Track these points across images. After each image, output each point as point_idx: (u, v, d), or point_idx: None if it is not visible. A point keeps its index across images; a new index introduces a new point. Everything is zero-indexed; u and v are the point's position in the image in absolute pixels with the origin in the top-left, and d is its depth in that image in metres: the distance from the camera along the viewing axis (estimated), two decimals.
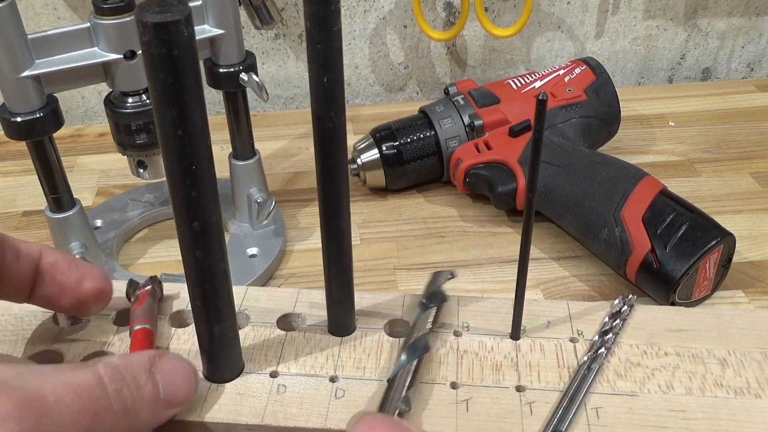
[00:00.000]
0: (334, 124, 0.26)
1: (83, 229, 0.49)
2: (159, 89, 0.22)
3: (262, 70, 0.76)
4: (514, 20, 0.75)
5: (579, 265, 0.52)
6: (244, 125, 0.51)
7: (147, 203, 0.58)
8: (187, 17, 0.21)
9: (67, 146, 0.69)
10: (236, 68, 0.48)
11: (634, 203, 0.48)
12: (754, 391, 0.29)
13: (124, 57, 0.44)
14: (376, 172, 0.59)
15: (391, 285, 0.51)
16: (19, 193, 0.63)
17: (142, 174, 0.50)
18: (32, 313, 0.33)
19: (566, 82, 0.60)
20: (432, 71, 0.79)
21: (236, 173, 0.53)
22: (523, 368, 0.30)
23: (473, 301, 0.33)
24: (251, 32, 0.73)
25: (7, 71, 0.41)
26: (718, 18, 0.79)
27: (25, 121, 0.42)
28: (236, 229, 0.55)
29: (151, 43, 0.21)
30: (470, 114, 0.58)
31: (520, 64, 0.80)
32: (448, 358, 0.31)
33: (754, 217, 0.56)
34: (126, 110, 0.46)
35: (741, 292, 0.48)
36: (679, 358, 0.30)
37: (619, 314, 0.32)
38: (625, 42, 0.79)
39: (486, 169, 0.55)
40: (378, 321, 0.33)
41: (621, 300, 0.33)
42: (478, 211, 0.58)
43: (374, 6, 0.74)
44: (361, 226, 0.57)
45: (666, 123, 0.70)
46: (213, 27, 0.47)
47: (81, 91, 0.77)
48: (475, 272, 0.52)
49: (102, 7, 0.42)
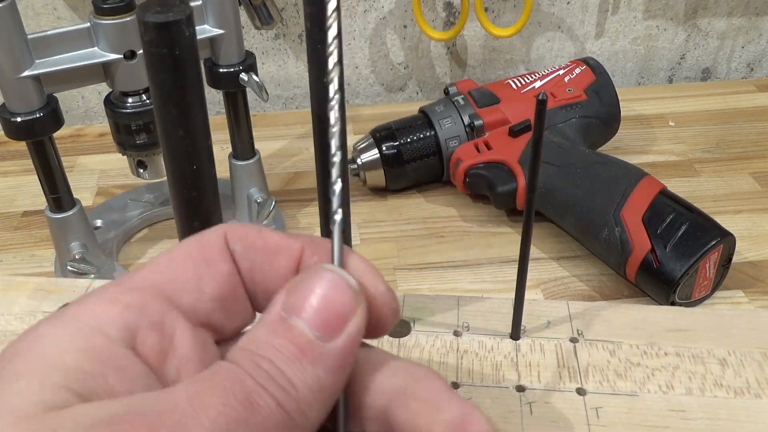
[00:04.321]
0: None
1: (83, 229, 0.49)
2: (160, 89, 0.22)
3: (262, 70, 0.76)
4: (514, 20, 0.75)
5: (579, 265, 0.52)
6: (244, 125, 0.51)
7: (147, 203, 0.58)
8: (189, 17, 0.21)
9: (67, 146, 0.69)
10: (236, 68, 0.48)
11: (634, 203, 0.48)
12: (754, 391, 0.29)
13: (124, 57, 0.44)
14: (376, 172, 0.59)
15: (391, 285, 0.51)
16: (19, 193, 0.63)
17: (142, 174, 0.50)
18: (32, 313, 0.33)
19: (566, 82, 0.60)
20: (432, 71, 0.79)
21: (236, 173, 0.53)
22: (523, 368, 0.30)
23: (473, 301, 0.33)
24: (251, 32, 0.73)
25: (7, 71, 0.41)
26: (718, 18, 0.79)
27: (25, 121, 0.42)
28: None
29: (153, 43, 0.21)
30: (470, 114, 0.58)
31: (520, 64, 0.80)
32: (448, 358, 0.31)
33: (754, 217, 0.56)
34: (126, 110, 0.46)
35: (741, 292, 0.49)
36: (679, 358, 0.30)
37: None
38: (625, 42, 0.79)
39: (486, 169, 0.55)
40: None
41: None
42: (478, 211, 0.58)
43: (374, 6, 0.74)
44: (361, 226, 0.57)
45: (666, 123, 0.70)
46: (213, 27, 0.47)
47: (81, 91, 0.77)
48: (475, 272, 0.52)
49: (102, 7, 0.42)
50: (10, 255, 0.55)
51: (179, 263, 0.20)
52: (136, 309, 0.18)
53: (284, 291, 0.19)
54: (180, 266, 0.20)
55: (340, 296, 0.19)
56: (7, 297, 0.34)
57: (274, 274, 0.21)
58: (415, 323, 0.32)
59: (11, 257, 0.55)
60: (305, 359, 0.18)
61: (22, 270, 0.54)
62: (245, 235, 0.21)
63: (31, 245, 0.56)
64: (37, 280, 0.35)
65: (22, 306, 0.33)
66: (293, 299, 0.19)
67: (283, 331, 0.18)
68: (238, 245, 0.20)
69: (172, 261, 0.20)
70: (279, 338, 0.18)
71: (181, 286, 0.19)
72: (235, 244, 0.20)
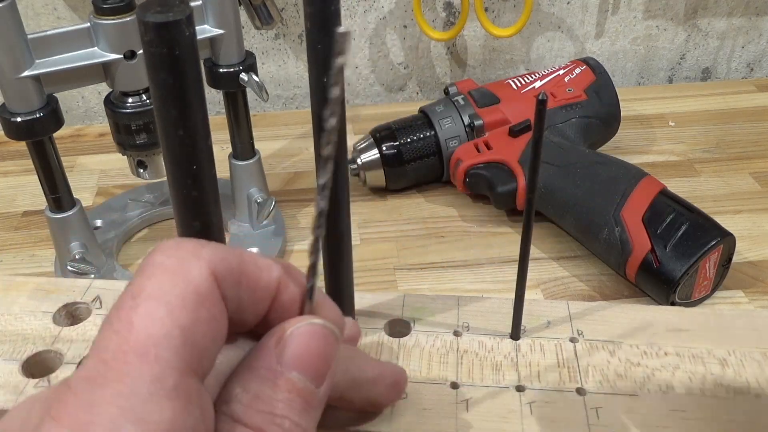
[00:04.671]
0: None
1: (83, 229, 0.49)
2: (160, 89, 0.22)
3: (262, 70, 0.76)
4: (514, 20, 0.75)
5: (579, 265, 0.52)
6: (244, 125, 0.51)
7: (147, 203, 0.58)
8: (189, 17, 0.21)
9: (67, 146, 0.69)
10: (236, 68, 0.48)
11: (634, 203, 0.48)
12: (754, 391, 0.29)
13: (124, 57, 0.44)
14: (376, 172, 0.59)
15: (391, 285, 0.51)
16: (19, 193, 0.63)
17: (142, 174, 0.50)
18: (32, 313, 0.33)
19: (566, 82, 0.60)
20: (432, 71, 0.79)
21: (236, 173, 0.53)
22: (523, 368, 0.30)
23: (473, 301, 0.33)
24: (251, 32, 0.73)
25: (7, 71, 0.41)
26: (718, 18, 0.79)
27: (25, 121, 0.42)
28: (236, 229, 0.55)
29: (153, 43, 0.21)
30: (470, 114, 0.58)
31: (520, 64, 0.80)
32: (448, 358, 0.30)
33: (754, 217, 0.56)
34: (126, 110, 0.46)
35: (741, 292, 0.49)
36: (679, 358, 0.30)
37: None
38: (625, 42, 0.80)
39: (486, 169, 0.55)
40: (378, 321, 0.33)
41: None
42: (478, 211, 0.58)
43: (374, 6, 0.74)
44: (361, 226, 0.57)
45: (666, 123, 0.70)
46: (213, 27, 0.47)
47: (81, 91, 0.77)
48: (475, 272, 0.52)
49: (102, 7, 0.42)
50: (10, 255, 0.55)
51: (195, 326, 0.19)
52: (188, 408, 0.18)
53: (273, 341, 0.21)
54: (197, 333, 0.19)
55: (328, 347, 0.21)
56: (7, 297, 0.34)
57: (253, 309, 0.22)
58: (415, 323, 0.32)
59: (11, 257, 0.55)
60: (310, 407, 0.21)
61: (22, 270, 0.54)
62: (230, 271, 0.20)
63: (31, 245, 0.56)
64: (37, 280, 0.35)
65: (22, 306, 0.33)
66: (289, 354, 0.21)
67: (287, 386, 0.20)
68: (229, 289, 0.20)
69: (186, 330, 0.18)
70: (285, 393, 0.20)
71: (202, 358, 0.19)
72: (226, 289, 0.20)
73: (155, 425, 0.17)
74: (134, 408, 0.17)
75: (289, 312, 0.22)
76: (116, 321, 0.18)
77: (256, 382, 0.20)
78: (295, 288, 0.22)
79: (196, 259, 0.19)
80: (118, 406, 0.17)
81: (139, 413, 0.17)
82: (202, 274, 0.19)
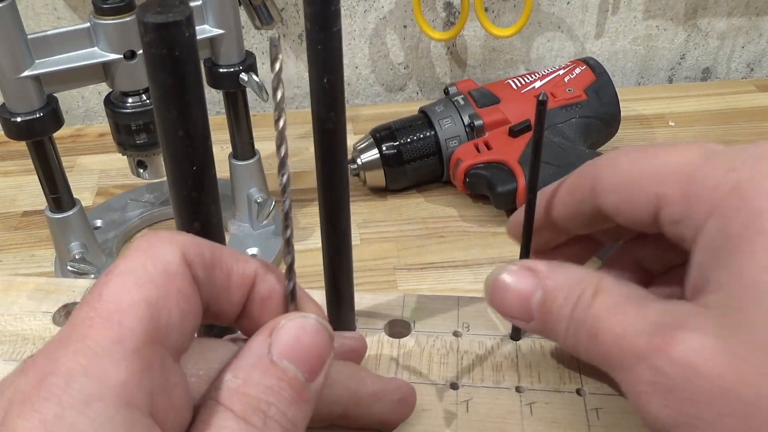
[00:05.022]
0: (334, 124, 0.26)
1: (83, 229, 0.49)
2: (160, 90, 0.22)
3: (262, 70, 0.76)
4: (514, 20, 0.75)
5: None
6: (244, 125, 0.51)
7: (147, 203, 0.58)
8: (189, 17, 0.21)
9: (67, 146, 0.69)
10: (236, 68, 0.48)
11: None
12: None
13: (124, 57, 0.44)
14: (376, 172, 0.59)
15: (391, 285, 0.51)
16: (19, 193, 0.63)
17: (142, 174, 0.50)
18: (32, 313, 0.33)
19: (566, 82, 0.60)
20: (432, 71, 0.79)
21: (236, 173, 0.53)
22: (523, 368, 0.30)
23: (473, 301, 0.33)
24: (251, 32, 0.73)
25: (7, 71, 0.41)
26: (718, 18, 0.79)
27: (25, 121, 0.42)
28: (236, 229, 0.55)
29: (153, 44, 0.21)
30: (470, 114, 0.58)
31: (520, 64, 0.80)
32: (448, 358, 0.30)
33: None
34: (126, 110, 0.46)
35: None
36: None
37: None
38: (625, 42, 0.79)
39: (486, 169, 0.55)
40: (378, 321, 0.33)
41: None
42: (478, 211, 0.58)
43: (374, 6, 0.74)
44: (361, 226, 0.57)
45: (666, 123, 0.70)
46: (213, 27, 0.47)
47: (81, 91, 0.77)
48: (475, 272, 0.52)
49: (102, 7, 0.42)
50: (10, 255, 0.55)
51: (163, 301, 0.19)
52: (148, 373, 0.18)
53: (266, 333, 0.21)
54: (164, 307, 0.19)
55: (321, 342, 0.21)
56: (7, 297, 0.34)
57: (228, 297, 0.22)
58: (415, 323, 0.32)
59: (11, 257, 0.55)
60: (300, 399, 0.20)
61: (22, 270, 0.54)
62: (201, 255, 0.21)
63: (31, 245, 0.56)
64: (37, 280, 0.35)
65: (22, 306, 0.33)
66: (281, 343, 0.21)
67: (277, 373, 0.20)
68: (201, 272, 0.21)
69: (153, 302, 0.19)
70: (273, 380, 0.20)
71: (170, 331, 0.20)
72: (198, 270, 0.21)
73: (109, 383, 0.17)
74: (91, 364, 0.18)
75: (270, 307, 0.23)
76: (89, 295, 0.19)
77: (246, 369, 0.20)
78: (274, 280, 0.23)
79: (169, 242, 0.21)
80: (77, 361, 0.18)
81: (95, 369, 0.17)
82: (173, 253, 0.20)
